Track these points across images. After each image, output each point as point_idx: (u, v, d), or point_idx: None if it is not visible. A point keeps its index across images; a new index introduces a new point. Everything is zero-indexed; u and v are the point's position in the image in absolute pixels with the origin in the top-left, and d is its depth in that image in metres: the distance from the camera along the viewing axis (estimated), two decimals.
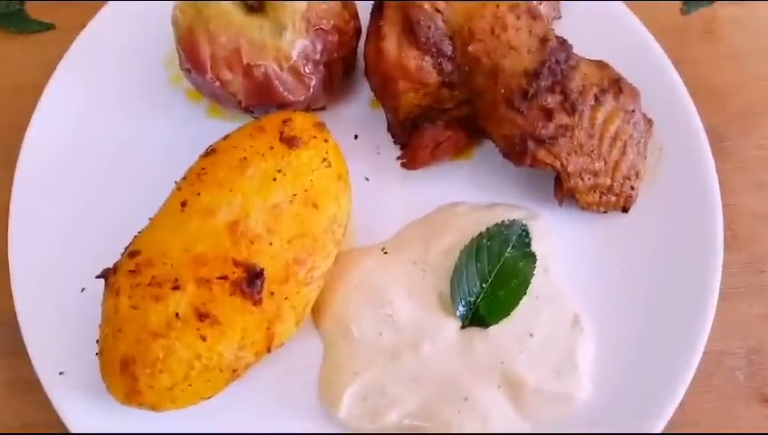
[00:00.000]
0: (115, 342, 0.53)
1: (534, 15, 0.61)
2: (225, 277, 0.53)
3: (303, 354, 0.61)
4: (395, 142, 0.67)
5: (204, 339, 0.52)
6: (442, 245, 0.63)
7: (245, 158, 0.56)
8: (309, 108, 0.64)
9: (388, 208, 0.66)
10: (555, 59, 0.60)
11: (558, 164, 0.61)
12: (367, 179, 0.67)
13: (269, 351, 0.57)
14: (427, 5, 0.60)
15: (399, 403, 0.59)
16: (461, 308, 0.61)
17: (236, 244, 0.54)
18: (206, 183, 0.56)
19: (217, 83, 0.60)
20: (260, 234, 0.54)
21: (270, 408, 0.60)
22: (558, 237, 0.65)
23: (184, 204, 0.55)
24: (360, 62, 0.67)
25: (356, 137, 0.68)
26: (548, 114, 0.60)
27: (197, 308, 0.52)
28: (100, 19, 0.69)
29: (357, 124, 0.68)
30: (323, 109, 0.66)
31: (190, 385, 0.54)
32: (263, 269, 0.53)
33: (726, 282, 0.65)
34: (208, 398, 0.57)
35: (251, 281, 0.53)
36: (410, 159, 0.65)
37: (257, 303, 0.54)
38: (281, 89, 0.60)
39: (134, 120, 0.67)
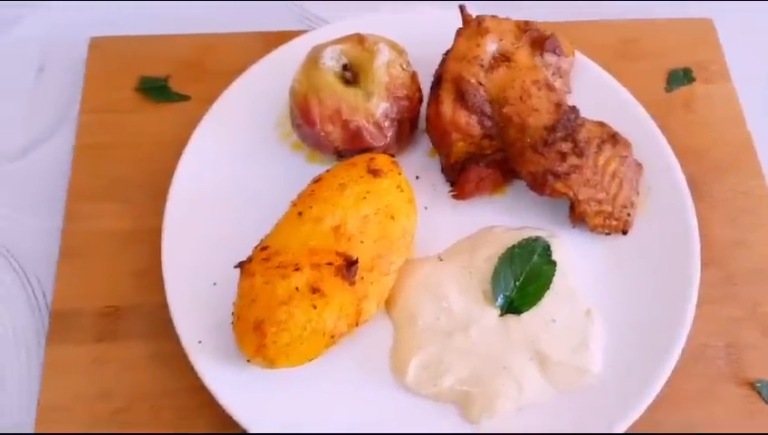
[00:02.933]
0: (250, 309, 0.72)
1: (551, 88, 0.84)
2: (331, 264, 0.73)
3: (379, 336, 0.80)
4: (447, 181, 0.89)
5: (314, 307, 0.72)
6: (484, 255, 0.83)
7: (343, 183, 0.78)
8: (385, 154, 0.86)
9: (442, 230, 0.86)
10: (567, 118, 0.83)
11: (571, 193, 0.82)
12: (426, 208, 0.88)
13: (357, 325, 0.76)
14: (473, 80, 0.83)
15: (453, 371, 0.77)
16: (500, 300, 0.80)
17: (338, 241, 0.75)
18: (315, 199, 0.77)
19: (323, 134, 0.82)
20: (354, 235, 0.75)
21: (353, 375, 0.78)
22: (573, 252, 0.85)
23: (300, 214, 0.77)
24: (422, 123, 0.90)
25: (417, 177, 0.89)
26: (562, 156, 0.81)
27: (311, 285, 0.72)
28: (229, 92, 0.92)
29: (418, 168, 0.90)
30: (393, 156, 0.88)
31: (301, 344, 0.73)
32: (357, 259, 0.74)
33: (706, 292, 0.84)
34: (310, 360, 0.76)
35: (349, 267, 0.73)
36: (459, 192, 0.86)
37: (352, 284, 0.74)
38: (367, 137, 0.83)
39: (254, 164, 0.89)
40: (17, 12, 1.06)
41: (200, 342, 0.78)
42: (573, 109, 0.84)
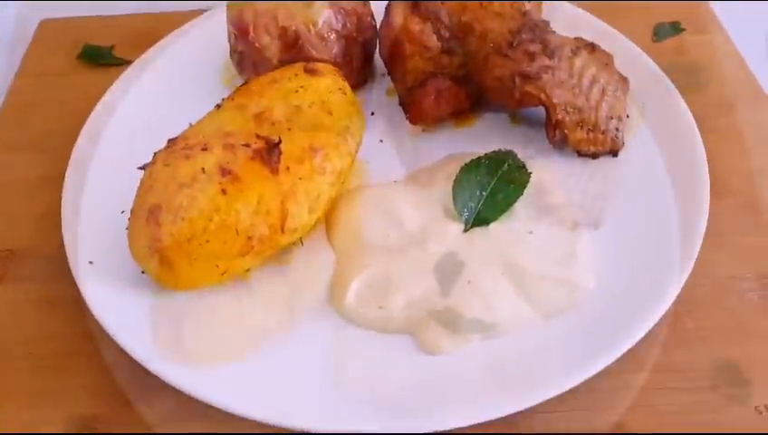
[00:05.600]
0: (146, 197, 0.59)
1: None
2: (247, 145, 0.60)
3: (317, 265, 0.65)
4: (405, 112, 0.77)
5: (224, 192, 0.58)
6: (445, 172, 0.69)
7: (275, 79, 0.68)
8: None
9: (399, 162, 0.73)
10: (534, 23, 0.73)
11: (543, 96, 0.69)
12: (381, 141, 0.76)
13: (282, 230, 0.61)
14: None
15: (404, 290, 0.61)
16: (465, 213, 0.65)
17: (260, 125, 0.63)
18: (239, 93, 0.66)
19: (257, 45, 0.73)
20: (281, 120, 0.63)
21: (280, 305, 0.62)
22: (556, 173, 0.70)
23: (219, 105, 0.66)
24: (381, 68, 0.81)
25: (372, 114, 0.78)
26: (531, 56, 0.70)
27: (221, 166, 0.59)
28: (175, 35, 0.86)
29: (375, 105, 0.79)
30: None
31: (208, 241, 0.58)
32: (280, 140, 0.61)
33: (729, 222, 0.70)
34: (223, 274, 0.60)
35: (270, 150, 0.60)
36: (416, 110, 0.74)
37: (274, 171, 0.60)
38: (308, 46, 0.73)
39: (188, 105, 0.73)
40: None
41: (91, 262, 0.64)
42: (543, 21, 0.74)
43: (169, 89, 0.82)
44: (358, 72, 0.79)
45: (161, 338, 0.60)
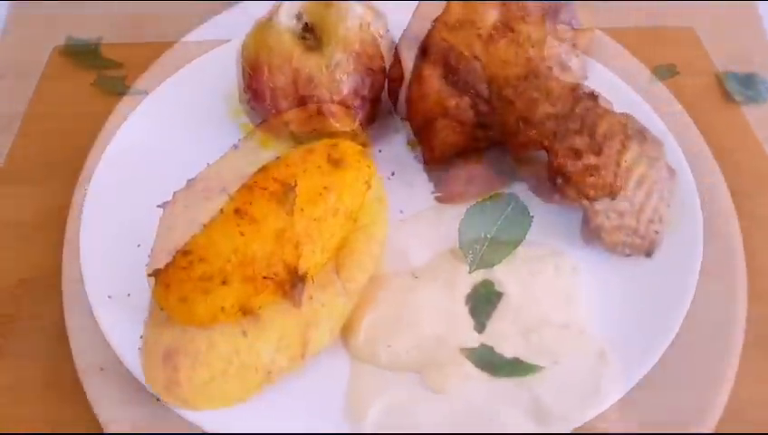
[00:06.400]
0: (166, 237, 0.60)
1: (564, 68, 0.70)
2: (264, 188, 0.58)
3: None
4: (430, 180, 0.72)
5: (242, 234, 0.56)
6: (453, 211, 0.68)
7: (289, 120, 0.68)
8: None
9: (420, 240, 0.68)
10: (584, 106, 0.66)
11: (585, 202, 0.64)
12: (401, 211, 0.70)
13: (296, 269, 0.58)
14: (466, 53, 0.69)
15: (413, 328, 0.62)
16: (470, 255, 0.66)
17: (276, 167, 0.60)
18: (256, 134, 0.68)
19: (271, 85, 0.69)
20: (296, 162, 0.61)
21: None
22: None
23: (236, 146, 0.66)
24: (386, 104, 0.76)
25: (393, 174, 0.74)
26: (576, 154, 0.65)
27: (239, 208, 0.57)
28: (190, 68, 0.83)
29: (394, 163, 0.74)
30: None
31: (225, 281, 0.55)
32: (296, 183, 0.58)
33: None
34: (237, 312, 0.57)
35: (286, 192, 0.58)
36: (445, 193, 0.71)
37: (290, 213, 0.58)
38: (320, 87, 0.69)
39: (209, 138, 0.73)
40: None
41: (110, 296, 0.63)
42: (592, 95, 0.67)
43: (182, 121, 0.78)
44: (367, 111, 0.74)
45: (170, 372, 0.57)
